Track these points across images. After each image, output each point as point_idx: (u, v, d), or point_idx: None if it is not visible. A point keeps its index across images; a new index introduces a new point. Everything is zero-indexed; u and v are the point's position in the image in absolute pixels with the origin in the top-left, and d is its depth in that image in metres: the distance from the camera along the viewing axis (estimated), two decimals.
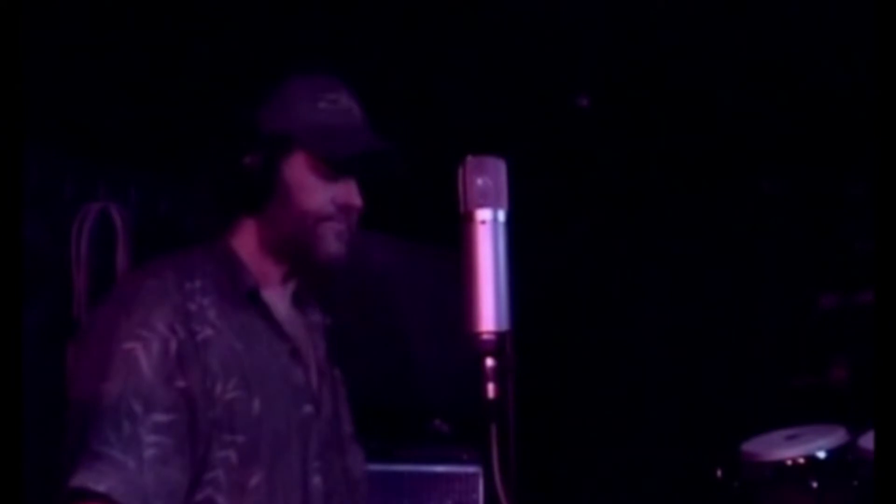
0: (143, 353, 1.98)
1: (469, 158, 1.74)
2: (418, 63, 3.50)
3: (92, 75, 3.01)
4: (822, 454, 3.02)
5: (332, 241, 2.14)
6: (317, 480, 2.15)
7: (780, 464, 3.04)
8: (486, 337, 1.68)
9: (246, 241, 2.17)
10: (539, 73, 3.70)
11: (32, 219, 2.87)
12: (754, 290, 4.13)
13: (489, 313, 1.68)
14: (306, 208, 2.13)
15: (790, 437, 3.14)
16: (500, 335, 1.68)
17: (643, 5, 3.54)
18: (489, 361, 1.68)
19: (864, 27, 2.29)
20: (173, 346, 2.00)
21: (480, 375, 1.68)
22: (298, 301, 2.24)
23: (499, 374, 1.68)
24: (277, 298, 2.19)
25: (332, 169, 2.15)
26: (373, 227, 3.02)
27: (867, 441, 2.95)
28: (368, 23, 3.37)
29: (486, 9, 3.45)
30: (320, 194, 2.14)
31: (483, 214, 1.71)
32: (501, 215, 1.72)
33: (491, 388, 1.67)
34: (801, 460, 3.02)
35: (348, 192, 2.16)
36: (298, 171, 2.14)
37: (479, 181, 1.72)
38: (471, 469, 3.00)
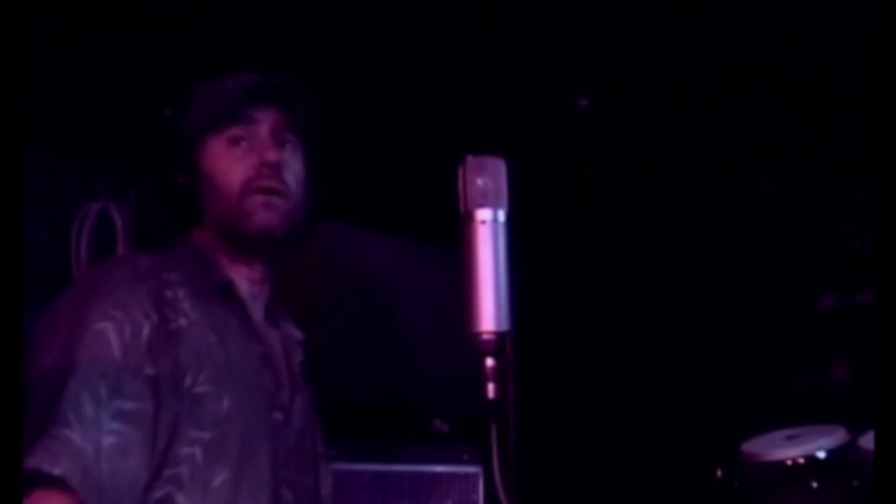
0: (115, 333, 1.92)
1: (469, 158, 1.74)
2: (418, 63, 3.50)
3: (92, 75, 3.01)
4: (822, 454, 3.01)
5: (260, 211, 2.08)
6: (287, 492, 2.07)
7: (780, 464, 3.03)
8: (486, 337, 1.69)
9: (207, 242, 2.13)
10: (539, 73, 3.70)
11: (32, 219, 2.87)
12: (754, 290, 4.13)
13: (489, 313, 1.69)
14: (229, 186, 2.08)
15: (790, 437, 3.13)
16: (500, 335, 1.68)
17: (643, 5, 3.54)
18: (489, 361, 1.68)
19: (864, 27, 2.29)
20: (146, 330, 1.94)
21: (480, 375, 1.68)
22: (272, 316, 2.19)
23: (499, 374, 1.68)
24: (251, 301, 2.14)
25: (233, 128, 2.10)
26: (373, 227, 3.03)
27: (867, 441, 2.94)
28: (368, 24, 3.37)
29: (486, 8, 3.45)
30: (236, 164, 2.10)
31: (483, 214, 1.71)
32: (501, 215, 1.72)
33: (491, 388, 1.67)
34: (801, 460, 3.01)
35: (260, 149, 2.11)
36: (212, 157, 2.11)
37: (479, 181, 1.72)
38: (471, 469, 3.00)
